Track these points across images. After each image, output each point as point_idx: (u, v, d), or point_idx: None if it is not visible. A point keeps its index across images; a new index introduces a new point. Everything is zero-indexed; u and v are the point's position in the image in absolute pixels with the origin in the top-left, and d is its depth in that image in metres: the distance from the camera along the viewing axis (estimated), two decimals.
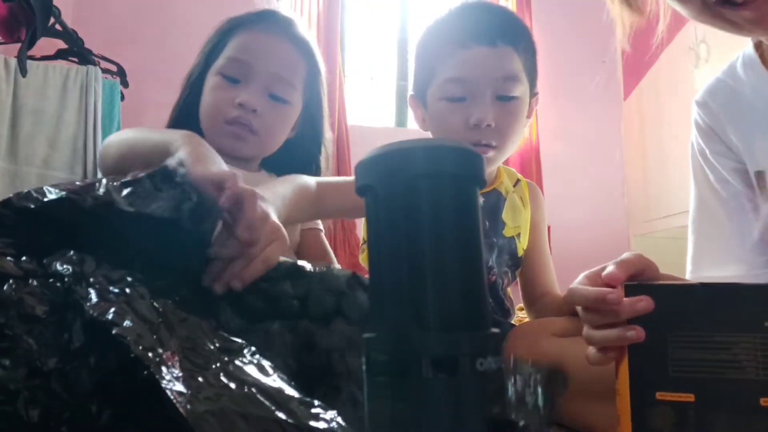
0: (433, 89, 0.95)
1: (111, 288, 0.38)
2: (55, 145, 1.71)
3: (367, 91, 3.01)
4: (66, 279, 0.38)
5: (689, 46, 2.30)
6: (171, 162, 0.50)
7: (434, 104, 0.94)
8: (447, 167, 0.29)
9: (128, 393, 0.35)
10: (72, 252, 0.41)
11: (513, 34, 0.91)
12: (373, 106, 2.99)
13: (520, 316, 1.53)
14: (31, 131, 1.68)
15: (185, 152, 0.57)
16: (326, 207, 0.82)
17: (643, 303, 0.46)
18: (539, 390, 0.41)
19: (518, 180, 1.08)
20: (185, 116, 0.94)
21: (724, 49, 2.18)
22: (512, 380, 0.37)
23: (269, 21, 0.93)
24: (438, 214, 0.28)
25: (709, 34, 2.21)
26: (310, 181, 0.81)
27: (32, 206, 0.43)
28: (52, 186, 0.44)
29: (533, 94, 0.99)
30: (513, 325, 0.93)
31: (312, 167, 1.00)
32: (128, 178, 0.46)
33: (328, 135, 1.03)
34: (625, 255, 0.51)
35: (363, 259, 1.14)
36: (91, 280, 0.39)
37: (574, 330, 0.80)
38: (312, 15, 2.65)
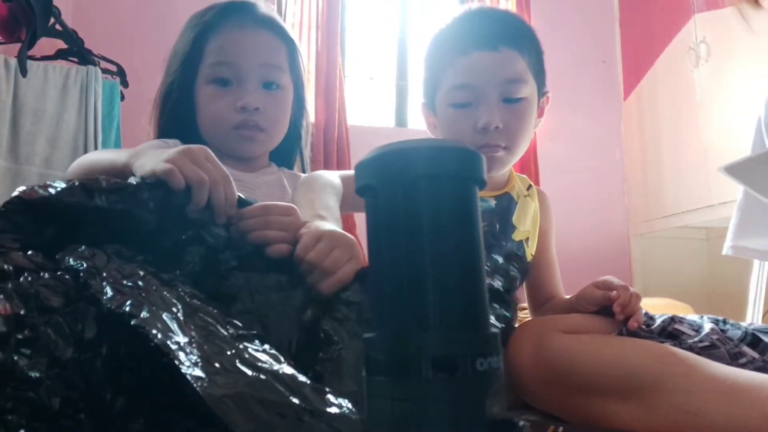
0: (440, 97, 0.95)
1: (124, 282, 0.40)
2: (56, 145, 1.71)
3: (367, 91, 3.01)
4: (81, 274, 0.39)
5: (689, 46, 2.30)
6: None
7: (443, 111, 0.95)
8: (447, 167, 0.29)
9: (139, 381, 0.36)
10: (83, 247, 0.42)
11: (515, 36, 0.91)
12: (373, 106, 2.99)
13: (521, 316, 1.53)
14: (32, 131, 1.68)
15: (136, 163, 0.60)
16: (348, 201, 0.83)
17: None
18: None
19: (530, 186, 1.08)
20: (172, 129, 0.93)
21: (724, 49, 2.18)
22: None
23: (236, 14, 0.91)
24: (438, 214, 0.28)
25: (709, 34, 2.21)
26: (335, 179, 0.83)
27: (42, 196, 0.44)
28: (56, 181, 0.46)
29: (543, 93, 0.99)
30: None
31: (300, 144, 1.04)
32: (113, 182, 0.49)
33: (310, 110, 1.05)
34: None
35: None
36: (104, 274, 0.40)
37: (582, 327, 0.81)
38: (312, 15, 2.65)
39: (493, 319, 0.47)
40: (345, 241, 0.58)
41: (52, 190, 0.45)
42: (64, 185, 0.45)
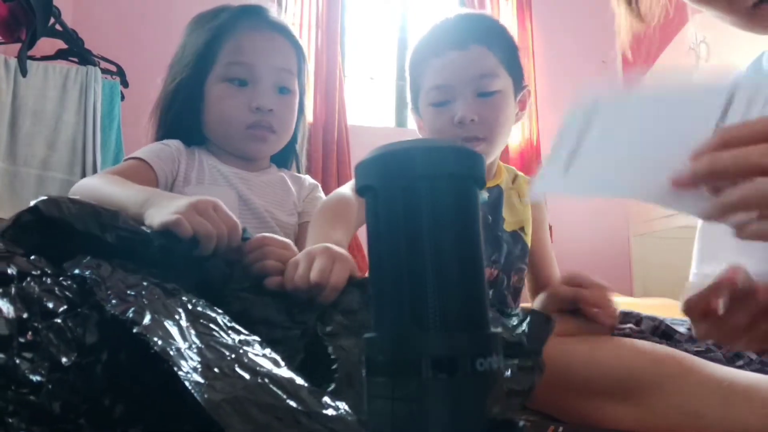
0: (421, 98, 1.00)
1: (128, 291, 0.40)
2: (55, 146, 1.71)
3: (367, 91, 3.01)
4: (87, 282, 0.40)
5: (689, 46, 2.31)
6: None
7: (424, 111, 1.00)
8: (447, 167, 0.29)
9: (139, 388, 0.37)
10: (88, 257, 0.43)
11: (484, 34, 0.96)
12: (373, 106, 2.99)
13: None
14: (31, 132, 1.68)
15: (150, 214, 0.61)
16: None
17: None
18: (524, 334, 0.43)
19: (516, 176, 1.10)
20: (176, 129, 0.93)
21: (724, 49, 2.18)
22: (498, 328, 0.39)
23: (252, 17, 0.93)
24: (438, 214, 0.28)
25: (709, 34, 2.21)
26: (350, 198, 0.85)
27: (58, 217, 0.45)
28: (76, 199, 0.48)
29: (522, 87, 1.03)
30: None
31: (295, 148, 1.05)
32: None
33: (309, 110, 1.07)
34: None
35: None
36: (109, 284, 0.41)
37: (578, 330, 0.81)
38: (312, 15, 2.65)
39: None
40: (322, 251, 0.59)
41: (67, 211, 0.46)
42: (79, 209, 0.46)
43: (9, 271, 0.37)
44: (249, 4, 0.95)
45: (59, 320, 0.37)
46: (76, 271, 0.41)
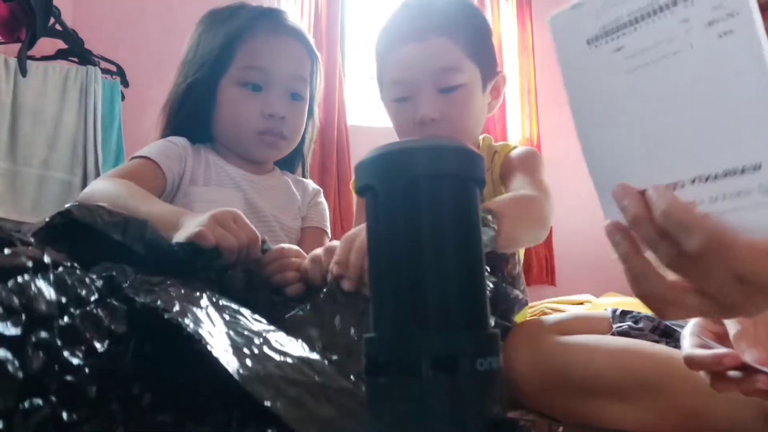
0: (384, 93, 0.95)
1: (155, 288, 0.43)
2: (55, 146, 1.71)
3: (367, 91, 3.01)
4: (114, 280, 0.42)
5: None
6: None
7: (388, 107, 0.95)
8: (447, 167, 0.29)
9: (166, 374, 0.39)
10: (111, 264, 0.45)
11: (445, 24, 0.88)
12: (373, 106, 2.99)
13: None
14: (31, 132, 1.68)
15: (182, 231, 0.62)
16: None
17: None
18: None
19: (495, 153, 1.00)
20: (185, 127, 0.93)
21: None
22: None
23: (269, 20, 0.92)
24: (438, 213, 0.28)
25: None
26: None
27: (91, 223, 0.48)
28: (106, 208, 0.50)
29: (494, 75, 0.95)
30: (510, 327, 0.93)
31: (303, 152, 1.05)
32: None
33: (316, 116, 1.05)
34: None
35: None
36: (134, 282, 0.43)
37: (577, 329, 0.81)
38: (312, 15, 2.65)
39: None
40: (333, 244, 0.61)
41: (99, 218, 0.48)
42: (111, 217, 0.49)
43: (44, 259, 0.38)
44: (268, 7, 0.95)
45: (92, 308, 0.38)
46: (103, 274, 0.43)
